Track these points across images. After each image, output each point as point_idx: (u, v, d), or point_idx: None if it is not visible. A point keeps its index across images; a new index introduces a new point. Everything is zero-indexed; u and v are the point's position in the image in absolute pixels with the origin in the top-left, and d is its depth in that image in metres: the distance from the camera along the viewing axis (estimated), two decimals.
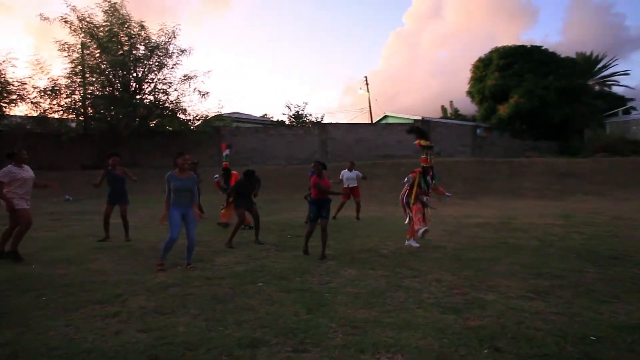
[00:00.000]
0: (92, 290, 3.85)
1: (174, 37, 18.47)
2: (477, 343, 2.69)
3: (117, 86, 17.94)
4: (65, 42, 17.58)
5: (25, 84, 17.66)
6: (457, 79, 65.13)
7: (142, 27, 17.98)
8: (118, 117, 16.57)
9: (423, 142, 5.89)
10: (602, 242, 6.13)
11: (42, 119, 17.76)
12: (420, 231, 5.67)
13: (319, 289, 3.88)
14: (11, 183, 4.99)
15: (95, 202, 13.17)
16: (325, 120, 25.87)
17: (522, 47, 26.10)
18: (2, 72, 17.39)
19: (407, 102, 58.05)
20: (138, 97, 18.03)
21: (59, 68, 18.12)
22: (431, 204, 6.08)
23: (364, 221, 8.68)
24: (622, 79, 30.48)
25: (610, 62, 31.64)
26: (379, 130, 20.06)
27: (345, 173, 9.20)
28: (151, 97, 18.50)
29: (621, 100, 27.19)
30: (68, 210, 11.36)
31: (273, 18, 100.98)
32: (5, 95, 17.49)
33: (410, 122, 23.37)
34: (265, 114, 33.42)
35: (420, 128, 6.67)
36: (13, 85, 17.59)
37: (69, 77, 17.67)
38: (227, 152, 9.30)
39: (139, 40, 18.05)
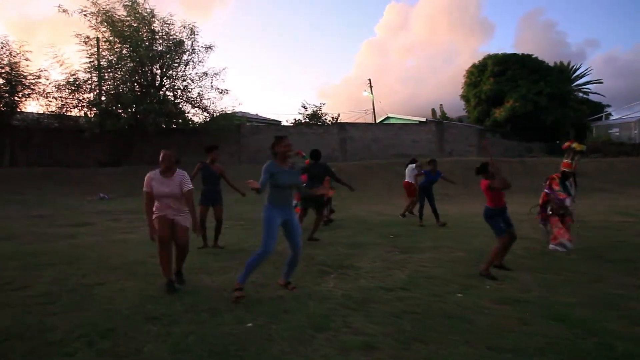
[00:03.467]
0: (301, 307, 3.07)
1: (195, 34, 17.24)
2: None
3: (142, 81, 16.52)
4: (87, 36, 16.02)
5: (39, 77, 16.02)
6: (424, 86, 66.38)
7: (165, 22, 16.65)
8: (146, 112, 15.19)
9: (577, 146, 5.17)
10: None
11: (60, 115, 16.16)
12: (565, 243, 5.10)
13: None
14: None
15: (130, 201, 12.01)
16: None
17: (515, 55, 26.30)
18: (16, 65, 15.68)
19: (377, 106, 58.74)
20: (161, 92, 16.69)
21: (78, 62, 16.43)
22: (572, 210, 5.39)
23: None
24: (596, 87, 31.19)
25: (586, 71, 32.53)
26: (396, 130, 19.57)
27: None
28: (175, 93, 17.19)
29: (599, 106, 27.95)
30: (111, 209, 10.16)
31: (247, 27, 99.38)
32: (20, 89, 15.78)
33: (413, 122, 23.07)
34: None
35: (585, 126, 5.55)
36: (27, 79, 15.90)
37: (89, 72, 16.14)
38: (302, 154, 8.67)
39: (161, 36, 16.69)
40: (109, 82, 16.40)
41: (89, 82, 16.41)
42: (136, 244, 5.54)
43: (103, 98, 16.38)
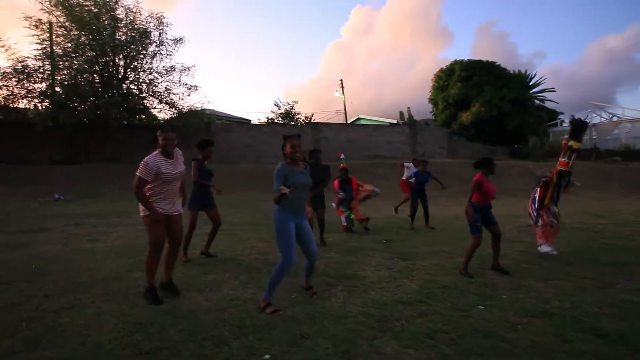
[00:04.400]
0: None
1: (164, 25, 16.14)
2: None
3: (103, 72, 15.17)
4: (38, 19, 14.44)
5: None
6: (387, 89, 68.20)
7: (130, 10, 15.42)
8: (107, 106, 13.93)
9: (574, 144, 5.12)
10: None
11: (5, 107, 14.47)
12: (545, 249, 5.12)
13: None
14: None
15: (91, 202, 10.90)
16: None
17: (480, 61, 27.29)
18: None
19: (341, 107, 59.49)
20: (124, 85, 15.44)
21: (27, 49, 14.83)
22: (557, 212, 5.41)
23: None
24: (550, 96, 33.12)
25: (540, 80, 34.51)
26: (370, 132, 19.52)
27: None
28: (140, 87, 15.97)
29: (554, 112, 29.71)
30: (71, 212, 9.10)
31: (209, 24, 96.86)
32: None
33: (384, 124, 23.24)
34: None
35: (583, 123, 5.28)
36: None
37: (40, 59, 14.56)
38: (342, 156, 8.23)
39: (125, 24, 15.44)
40: (65, 72, 14.88)
41: (41, 70, 14.83)
42: (107, 254, 4.85)
43: (57, 89, 14.86)
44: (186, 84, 17.09)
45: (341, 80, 29.20)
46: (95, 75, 15.27)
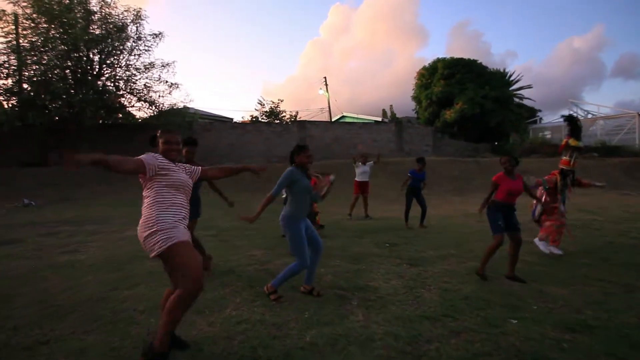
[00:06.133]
0: None
1: (141, 19, 15.29)
2: None
3: (76, 68, 14.20)
4: (1, 10, 13.32)
5: None
6: (365, 87, 68.68)
7: (104, 2, 14.49)
8: (82, 104, 13.02)
9: (572, 142, 5.01)
10: None
11: None
12: (551, 249, 4.97)
13: None
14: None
15: (65, 208, 10.11)
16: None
17: (462, 59, 27.51)
18: None
19: (322, 105, 59.51)
20: (100, 82, 14.52)
21: None
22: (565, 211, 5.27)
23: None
24: (526, 93, 33.87)
25: (518, 77, 35.24)
26: (356, 129, 19.25)
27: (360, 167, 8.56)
28: (116, 84, 15.05)
29: (532, 110, 30.36)
30: (43, 219, 8.34)
31: (184, 24, 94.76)
32: None
33: (368, 121, 23.04)
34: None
35: (577, 120, 5.19)
36: None
37: (5, 54, 13.46)
38: None
39: (100, 17, 14.51)
40: (33, 67, 13.84)
41: (6, 65, 13.73)
42: (87, 270, 4.30)
43: (25, 85, 13.80)
44: (167, 81, 16.32)
45: (325, 77, 28.82)
46: (67, 71, 14.29)
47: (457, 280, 4.08)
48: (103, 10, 14.59)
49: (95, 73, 14.71)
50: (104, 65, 14.93)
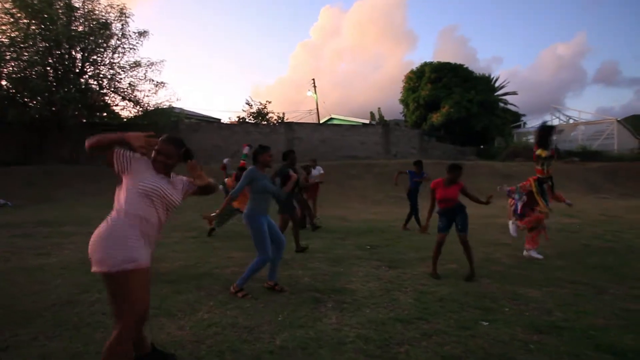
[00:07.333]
0: None
1: (126, 16, 15.05)
2: None
3: (57, 66, 13.88)
4: None
5: None
6: (355, 89, 69.27)
7: None
8: (64, 102, 12.72)
9: (541, 152, 5.10)
10: None
11: None
12: (533, 255, 5.07)
13: None
14: None
15: (42, 209, 9.85)
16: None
17: (449, 63, 27.90)
18: None
19: (312, 106, 59.96)
20: (82, 80, 14.23)
21: None
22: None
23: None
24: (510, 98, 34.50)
25: (503, 83, 35.88)
26: (343, 132, 19.30)
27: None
28: (100, 82, 14.77)
29: (517, 115, 30.95)
30: (17, 220, 8.10)
31: (173, 24, 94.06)
32: None
33: (356, 124, 23.14)
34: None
35: (550, 128, 5.34)
36: None
37: None
38: (246, 150, 7.98)
39: (82, 14, 14.22)
40: (12, 64, 13.48)
41: None
42: (59, 272, 4.18)
43: (4, 82, 13.44)
44: (152, 80, 16.09)
45: (313, 79, 28.86)
46: (48, 68, 13.96)
47: (434, 283, 4.11)
48: (86, 6, 14.32)
49: (77, 71, 14.41)
50: (87, 63, 14.64)
